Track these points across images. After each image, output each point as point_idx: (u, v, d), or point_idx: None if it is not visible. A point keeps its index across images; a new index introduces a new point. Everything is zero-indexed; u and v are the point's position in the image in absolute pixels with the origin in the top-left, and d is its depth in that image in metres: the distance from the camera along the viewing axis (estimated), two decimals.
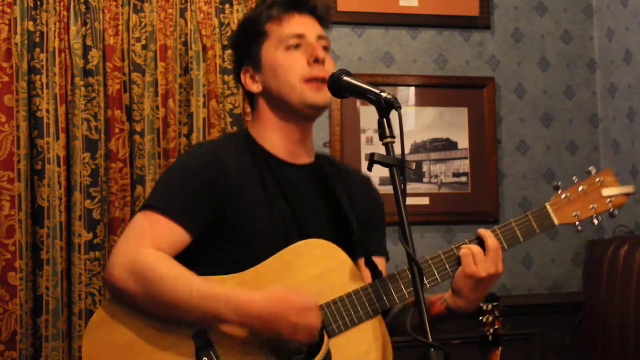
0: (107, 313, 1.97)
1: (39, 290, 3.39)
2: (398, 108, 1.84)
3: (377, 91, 1.89)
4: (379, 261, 2.22)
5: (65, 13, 3.50)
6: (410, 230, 1.78)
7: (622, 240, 3.85)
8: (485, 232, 2.12)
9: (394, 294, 2.02)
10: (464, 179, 4.05)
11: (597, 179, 2.22)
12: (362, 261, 2.12)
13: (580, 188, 2.21)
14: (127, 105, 3.57)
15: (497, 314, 3.56)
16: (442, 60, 4.08)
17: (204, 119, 3.61)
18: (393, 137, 1.85)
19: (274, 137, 2.16)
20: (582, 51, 4.24)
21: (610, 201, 2.22)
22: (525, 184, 4.14)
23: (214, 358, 1.93)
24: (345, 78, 2.01)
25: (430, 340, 1.71)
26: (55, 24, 3.49)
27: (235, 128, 3.63)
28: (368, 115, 3.88)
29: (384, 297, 2.01)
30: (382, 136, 1.85)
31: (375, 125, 1.87)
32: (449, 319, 2.11)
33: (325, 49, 2.17)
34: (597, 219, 2.20)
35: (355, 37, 3.99)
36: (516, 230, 2.17)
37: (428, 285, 2.06)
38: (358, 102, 3.90)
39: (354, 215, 2.18)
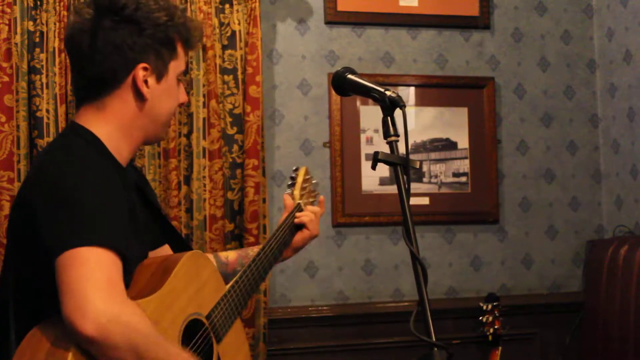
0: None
1: None
2: (402, 107, 1.83)
3: (382, 89, 1.89)
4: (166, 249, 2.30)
5: (65, 13, 3.50)
6: (415, 229, 1.77)
7: (622, 240, 3.85)
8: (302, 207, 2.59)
9: (250, 291, 2.29)
10: (464, 179, 4.05)
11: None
12: (151, 253, 2.18)
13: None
14: None
15: (497, 314, 3.57)
16: (442, 60, 4.08)
17: (204, 119, 3.60)
18: (397, 135, 1.84)
19: (123, 145, 2.02)
20: (582, 51, 4.25)
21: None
22: (525, 184, 4.14)
23: None
24: (350, 76, 2.00)
25: (434, 339, 1.70)
26: (55, 24, 3.48)
27: (235, 128, 3.63)
28: (368, 115, 3.88)
29: (245, 297, 2.25)
30: (386, 135, 1.85)
31: (376, 125, 1.88)
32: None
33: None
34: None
35: (355, 37, 3.98)
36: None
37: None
38: (358, 102, 3.89)
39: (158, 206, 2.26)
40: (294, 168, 2.68)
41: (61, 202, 1.80)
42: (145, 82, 2.00)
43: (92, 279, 1.72)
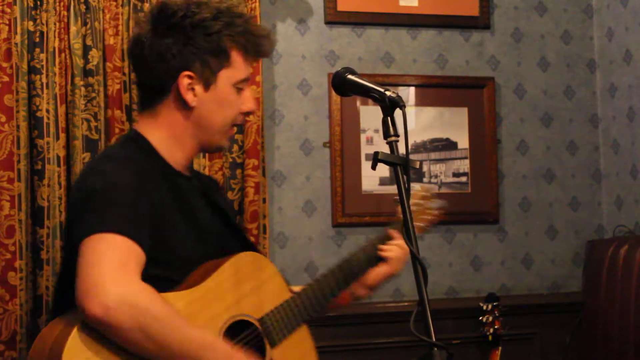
0: (83, 341, 1.80)
1: (39, 290, 3.39)
2: (402, 107, 1.83)
3: (382, 89, 1.89)
4: None
5: (65, 13, 3.50)
6: (414, 229, 1.77)
7: (622, 240, 3.85)
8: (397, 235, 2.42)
9: (321, 298, 2.22)
10: (464, 179, 4.05)
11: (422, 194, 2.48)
12: None
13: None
14: (127, 105, 3.56)
15: (497, 314, 3.57)
16: (442, 60, 4.08)
17: None
18: (397, 135, 1.84)
19: (180, 154, 2.09)
20: (582, 51, 4.24)
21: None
22: (525, 184, 4.14)
23: None
24: (350, 76, 1.99)
25: (434, 339, 1.71)
26: (55, 24, 3.48)
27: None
28: (368, 115, 3.88)
29: (311, 306, 2.19)
30: (386, 135, 1.84)
31: (376, 125, 1.88)
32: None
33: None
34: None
35: (355, 37, 3.98)
36: None
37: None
38: (358, 102, 3.89)
39: (230, 217, 2.25)
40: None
41: (87, 197, 1.91)
42: (193, 90, 2.04)
43: (103, 262, 1.79)
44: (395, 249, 2.37)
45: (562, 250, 4.15)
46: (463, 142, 4.05)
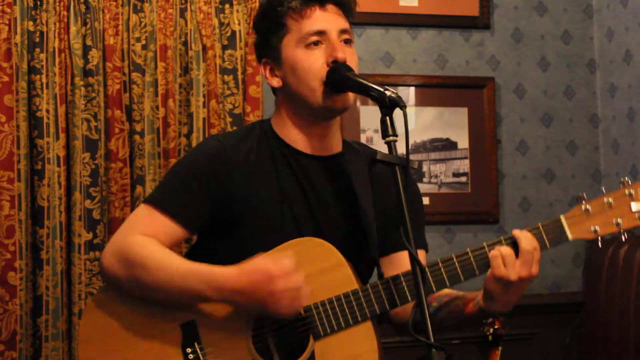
0: (103, 297, 2.05)
1: (39, 290, 3.39)
2: (403, 107, 1.82)
3: (381, 89, 1.88)
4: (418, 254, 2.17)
5: (65, 13, 3.50)
6: (412, 230, 1.77)
7: (622, 240, 3.85)
8: (519, 234, 1.96)
9: (385, 301, 1.98)
10: (464, 179, 4.05)
11: (627, 191, 1.98)
12: (382, 260, 2.11)
13: (606, 200, 1.99)
14: (127, 105, 3.56)
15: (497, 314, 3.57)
16: (442, 60, 4.08)
17: (204, 119, 3.60)
18: (396, 135, 1.84)
19: (294, 131, 2.10)
20: (582, 51, 4.24)
21: (639, 217, 1.97)
22: (525, 184, 4.14)
23: (198, 350, 1.95)
24: (348, 74, 1.98)
25: (432, 340, 1.71)
26: (55, 24, 3.48)
27: (235, 128, 3.63)
28: (368, 115, 3.88)
29: (374, 303, 1.97)
30: (384, 135, 1.83)
31: (376, 125, 1.87)
32: (484, 319, 2.09)
33: (348, 42, 2.09)
34: (624, 235, 1.99)
35: (355, 37, 3.97)
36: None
37: (448, 284, 2.02)
38: (358, 102, 3.89)
39: (380, 210, 2.12)
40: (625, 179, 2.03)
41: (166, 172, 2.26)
42: (273, 72, 2.12)
43: (122, 226, 2.07)
44: (504, 248, 1.95)
45: (562, 250, 4.14)
46: (463, 142, 4.05)
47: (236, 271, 1.88)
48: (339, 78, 2.00)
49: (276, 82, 2.11)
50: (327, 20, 2.06)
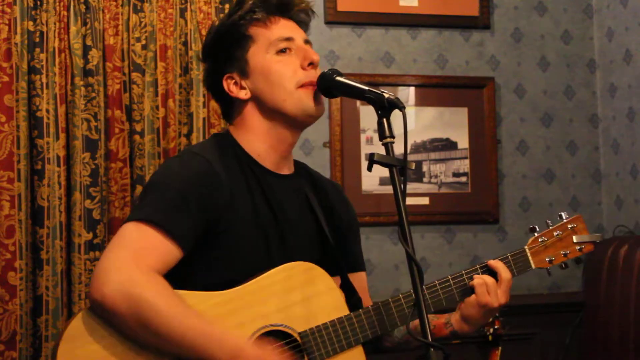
0: (85, 325, 1.84)
1: (39, 290, 3.39)
2: (402, 108, 1.82)
3: (378, 91, 1.87)
4: (361, 276, 2.23)
5: (65, 13, 3.51)
6: (410, 230, 1.77)
7: (622, 240, 3.85)
8: (496, 264, 2.13)
9: (376, 326, 2.03)
10: (464, 179, 4.05)
11: (570, 225, 2.25)
12: (338, 279, 2.11)
13: (555, 233, 2.24)
14: (127, 105, 3.57)
15: (497, 314, 3.56)
16: (442, 60, 4.08)
17: (204, 119, 3.61)
18: (393, 137, 1.84)
19: (260, 146, 2.07)
20: (582, 51, 4.24)
21: (580, 248, 2.24)
22: (525, 184, 4.14)
23: None
24: (339, 78, 1.98)
25: (430, 340, 1.71)
26: (55, 24, 3.49)
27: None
28: (368, 115, 3.88)
29: (367, 329, 2.02)
30: (382, 136, 1.83)
31: (376, 126, 1.86)
32: (450, 340, 2.16)
33: None
34: (565, 265, 2.26)
35: (355, 37, 3.99)
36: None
37: (432, 309, 2.10)
38: (358, 102, 3.89)
39: (333, 228, 2.16)
40: (562, 214, 2.28)
41: (145, 188, 2.01)
42: (238, 85, 2.08)
43: (121, 248, 1.85)
44: (484, 277, 2.08)
45: None
46: (463, 142, 4.05)
47: (250, 348, 1.84)
48: (331, 83, 2.00)
49: (244, 94, 2.08)
50: (292, 28, 2.09)
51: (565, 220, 2.25)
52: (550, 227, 2.24)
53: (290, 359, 1.91)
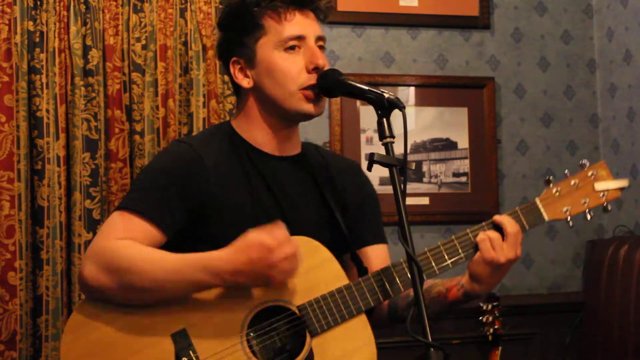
0: (84, 315, 1.93)
1: (39, 290, 3.39)
2: (402, 108, 1.83)
3: (379, 91, 1.88)
4: (379, 249, 2.22)
5: (65, 13, 3.50)
6: (410, 230, 1.77)
7: (622, 240, 3.85)
8: (501, 218, 2.06)
9: (378, 292, 2.00)
10: (464, 179, 4.05)
11: (590, 173, 2.09)
12: (348, 257, 2.12)
13: (572, 182, 2.09)
14: (127, 105, 3.57)
15: (497, 314, 3.56)
16: (442, 60, 4.08)
17: (204, 119, 3.61)
18: (393, 137, 1.84)
19: (258, 133, 2.11)
20: (582, 51, 4.24)
21: (603, 195, 2.09)
22: (525, 184, 4.14)
23: (194, 358, 1.90)
24: (341, 79, 1.99)
25: (430, 340, 1.71)
26: (55, 24, 3.49)
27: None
28: (368, 115, 3.88)
29: (368, 296, 1.99)
30: (382, 136, 1.84)
31: (376, 126, 1.86)
32: (466, 303, 2.10)
33: (322, 48, 2.10)
34: (590, 214, 2.11)
35: (355, 37, 3.99)
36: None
37: (437, 272, 2.05)
38: (358, 102, 3.89)
39: (343, 206, 2.16)
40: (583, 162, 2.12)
41: (135, 177, 2.22)
42: (244, 72, 2.10)
43: (105, 234, 1.96)
44: (491, 232, 2.04)
45: (562, 250, 4.15)
46: (463, 142, 4.05)
47: (231, 251, 1.85)
48: (332, 83, 2.01)
49: (247, 83, 2.10)
50: (306, 25, 2.08)
51: (584, 169, 2.09)
52: (568, 177, 2.11)
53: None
